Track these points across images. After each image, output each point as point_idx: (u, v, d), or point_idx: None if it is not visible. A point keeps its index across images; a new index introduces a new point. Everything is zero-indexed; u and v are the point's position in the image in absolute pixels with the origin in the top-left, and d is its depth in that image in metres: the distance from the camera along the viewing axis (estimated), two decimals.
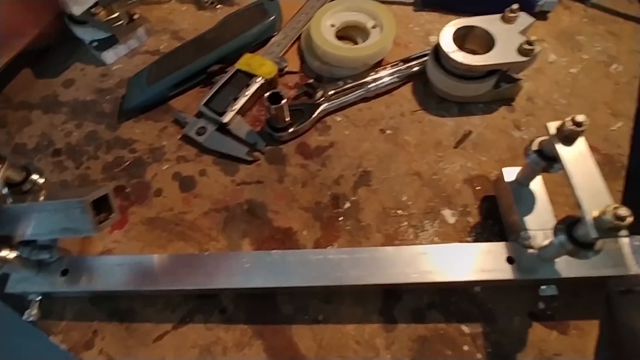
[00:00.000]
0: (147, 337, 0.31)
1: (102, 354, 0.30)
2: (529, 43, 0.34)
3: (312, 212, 0.35)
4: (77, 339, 0.31)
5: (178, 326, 0.31)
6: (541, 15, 0.45)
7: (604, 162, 0.36)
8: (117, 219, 0.30)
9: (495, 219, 0.34)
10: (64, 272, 0.31)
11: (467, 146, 0.37)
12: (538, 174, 0.29)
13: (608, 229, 0.21)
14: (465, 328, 0.30)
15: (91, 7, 0.41)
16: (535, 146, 0.27)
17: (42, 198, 0.30)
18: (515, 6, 0.38)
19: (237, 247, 0.34)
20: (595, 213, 0.22)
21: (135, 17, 0.46)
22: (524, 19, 0.38)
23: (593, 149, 0.37)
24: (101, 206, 0.29)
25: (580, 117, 0.24)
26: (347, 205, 0.35)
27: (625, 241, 0.28)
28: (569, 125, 0.24)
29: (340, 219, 0.34)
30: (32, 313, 0.31)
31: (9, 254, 0.28)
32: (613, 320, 0.31)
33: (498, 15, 0.38)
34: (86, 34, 0.44)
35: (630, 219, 0.21)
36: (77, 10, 0.41)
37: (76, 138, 0.41)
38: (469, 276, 0.28)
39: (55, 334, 0.32)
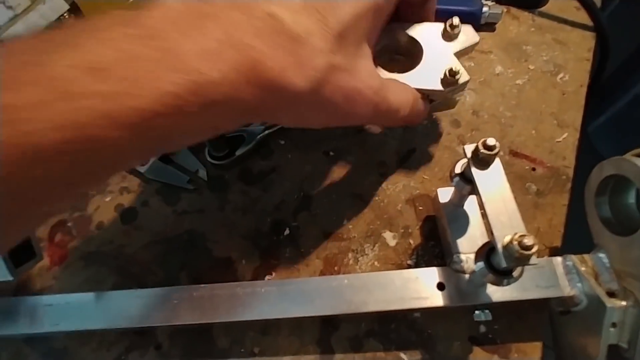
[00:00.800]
0: None
1: None
2: (452, 73, 0.27)
3: (251, 240, 0.34)
4: None
5: None
6: (489, 27, 0.45)
7: (550, 176, 0.36)
8: (39, 260, 0.29)
9: (437, 240, 0.33)
10: None
11: (411, 165, 0.37)
12: (466, 197, 0.29)
13: (516, 257, 0.21)
14: (404, 356, 0.29)
15: None
16: (458, 169, 0.27)
17: None
18: (455, 20, 0.31)
19: (174, 280, 0.33)
20: (505, 241, 0.21)
21: None
22: (468, 36, 0.31)
23: (538, 162, 0.37)
24: (24, 248, 0.28)
25: (491, 141, 0.23)
26: (287, 231, 0.34)
27: (558, 261, 0.28)
28: (481, 149, 0.23)
29: (280, 246, 0.34)
30: None
31: None
32: (556, 342, 0.30)
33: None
34: None
35: (535, 248, 0.20)
36: None
37: None
38: (403, 305, 0.28)
39: None
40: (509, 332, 0.30)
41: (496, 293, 0.27)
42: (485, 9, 0.43)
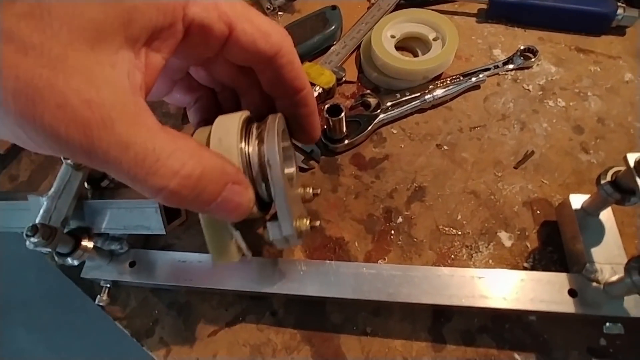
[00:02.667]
0: (202, 332, 0.33)
1: (162, 343, 0.33)
2: None
3: (364, 224, 0.35)
4: (139, 325, 0.34)
5: (231, 324, 0.33)
6: (619, 31, 0.42)
7: None
8: (184, 219, 0.32)
9: (555, 246, 0.32)
10: (132, 264, 0.33)
11: (529, 167, 0.36)
12: (609, 205, 0.28)
13: None
14: (518, 356, 0.29)
15: None
16: (609, 177, 0.26)
17: (117, 195, 0.33)
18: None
19: (289, 254, 0.35)
20: None
21: None
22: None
23: None
24: (173, 209, 0.31)
25: None
26: (400, 219, 0.35)
27: None
28: None
29: (392, 232, 0.35)
30: (103, 298, 0.34)
31: (89, 243, 0.31)
32: None
33: None
34: None
35: None
36: None
37: None
38: (528, 306, 0.28)
39: (120, 319, 0.34)
40: (631, 349, 0.29)
41: (634, 308, 0.26)
42: (619, 11, 0.41)
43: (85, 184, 0.32)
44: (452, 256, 0.33)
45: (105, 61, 0.16)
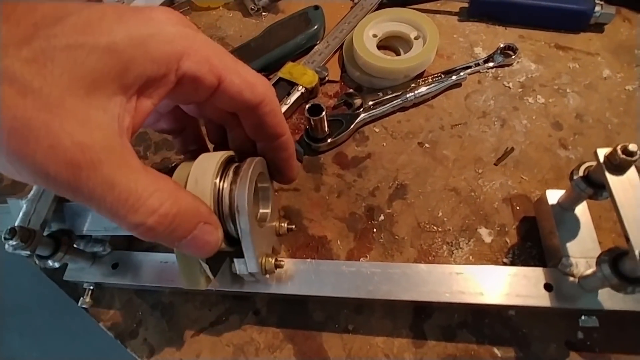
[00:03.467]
0: (185, 332, 0.33)
1: (145, 344, 0.33)
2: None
3: (346, 223, 0.35)
4: (123, 327, 0.34)
5: (214, 324, 0.33)
6: (597, 28, 0.43)
7: None
8: None
9: (534, 241, 0.33)
10: (115, 266, 0.33)
11: (509, 164, 0.37)
12: (583, 200, 0.28)
13: None
14: (497, 351, 0.30)
15: None
16: (581, 172, 0.26)
17: None
18: None
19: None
20: None
21: None
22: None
23: None
24: None
25: (632, 147, 0.23)
26: (382, 217, 0.35)
27: None
28: (620, 155, 0.23)
29: (374, 230, 0.35)
30: (86, 300, 0.34)
31: (70, 245, 0.31)
32: None
33: None
34: None
35: None
36: None
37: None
38: (505, 300, 0.28)
39: (104, 321, 0.34)
40: (608, 341, 0.29)
41: (608, 301, 0.27)
42: (597, 8, 0.41)
43: None
44: (433, 253, 0.33)
45: (98, 106, 0.17)
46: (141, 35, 0.17)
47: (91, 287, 0.34)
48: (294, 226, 0.31)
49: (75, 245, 0.32)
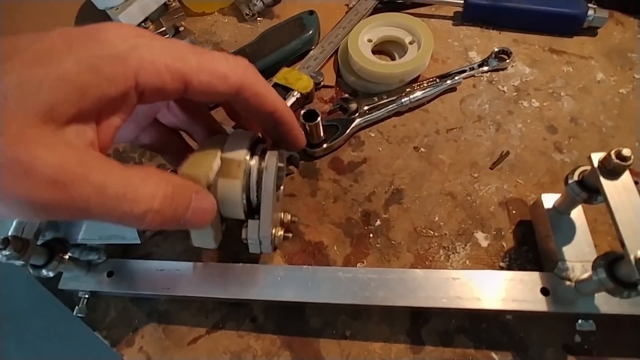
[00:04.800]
0: (182, 340, 0.33)
1: (142, 352, 0.32)
2: None
3: (342, 228, 0.35)
4: (119, 335, 0.34)
5: (211, 331, 0.33)
6: (590, 32, 0.43)
7: None
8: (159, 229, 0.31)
9: (530, 245, 0.33)
10: (110, 274, 0.33)
11: (504, 167, 0.37)
12: (578, 204, 0.28)
13: None
14: (495, 356, 0.30)
15: (141, 23, 0.44)
16: (576, 176, 0.26)
17: None
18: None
19: (269, 259, 0.35)
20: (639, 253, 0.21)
21: (181, 29, 0.49)
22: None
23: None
24: None
25: (626, 151, 0.23)
26: (378, 222, 0.35)
27: None
28: (614, 160, 0.23)
29: (370, 236, 0.35)
30: (81, 309, 0.33)
31: (64, 254, 0.31)
32: None
33: None
34: None
35: None
36: (100, 4, 0.43)
37: (122, 145, 0.43)
38: (501, 305, 0.28)
39: (100, 329, 0.34)
40: (605, 345, 0.29)
41: (604, 304, 0.27)
42: (590, 12, 0.41)
43: None
44: (430, 258, 0.33)
45: (61, 132, 0.17)
46: (92, 58, 0.17)
47: (86, 296, 0.34)
48: (297, 217, 0.31)
49: (70, 254, 0.32)
